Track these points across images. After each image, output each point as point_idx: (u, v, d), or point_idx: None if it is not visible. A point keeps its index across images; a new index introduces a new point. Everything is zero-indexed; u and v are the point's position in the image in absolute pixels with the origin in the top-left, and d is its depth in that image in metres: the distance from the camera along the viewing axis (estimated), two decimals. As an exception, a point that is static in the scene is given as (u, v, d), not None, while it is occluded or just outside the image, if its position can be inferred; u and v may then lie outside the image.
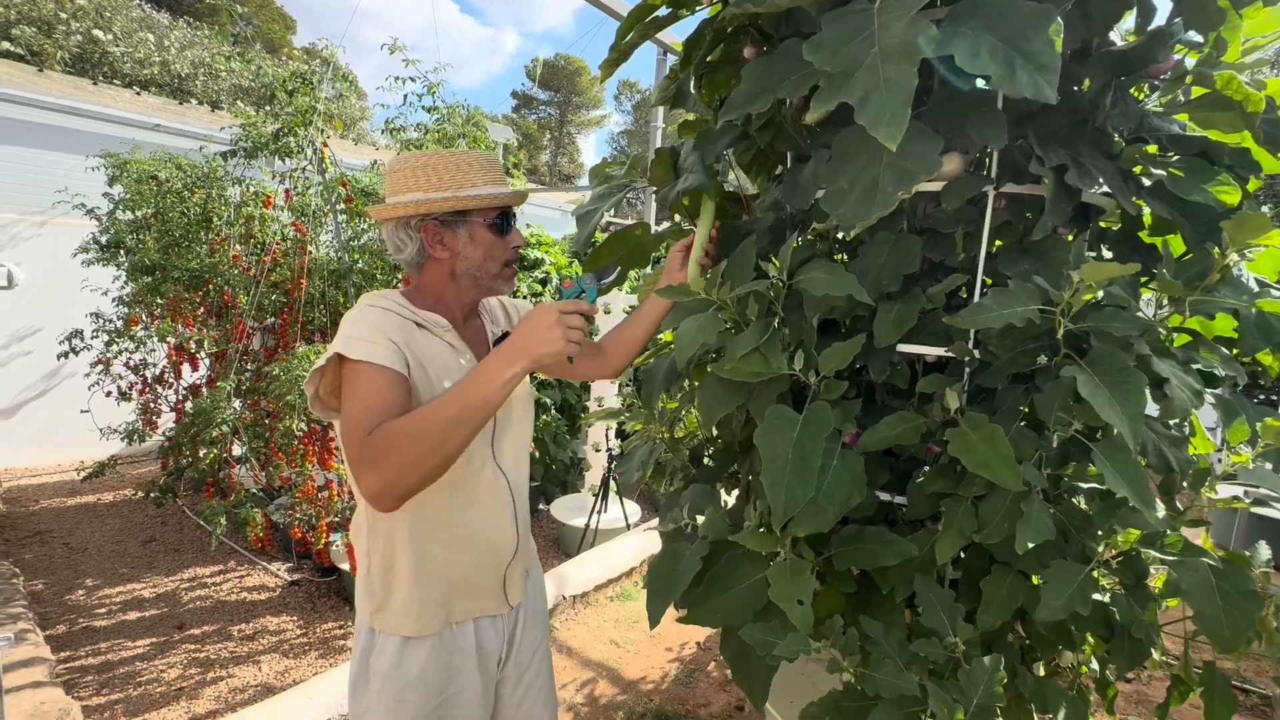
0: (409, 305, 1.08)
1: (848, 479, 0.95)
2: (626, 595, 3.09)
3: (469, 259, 1.09)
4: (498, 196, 1.09)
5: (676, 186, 1.12)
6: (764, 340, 0.98)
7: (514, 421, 1.17)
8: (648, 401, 1.29)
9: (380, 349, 0.98)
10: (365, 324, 1.01)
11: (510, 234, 1.13)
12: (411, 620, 1.08)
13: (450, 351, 1.09)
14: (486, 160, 1.12)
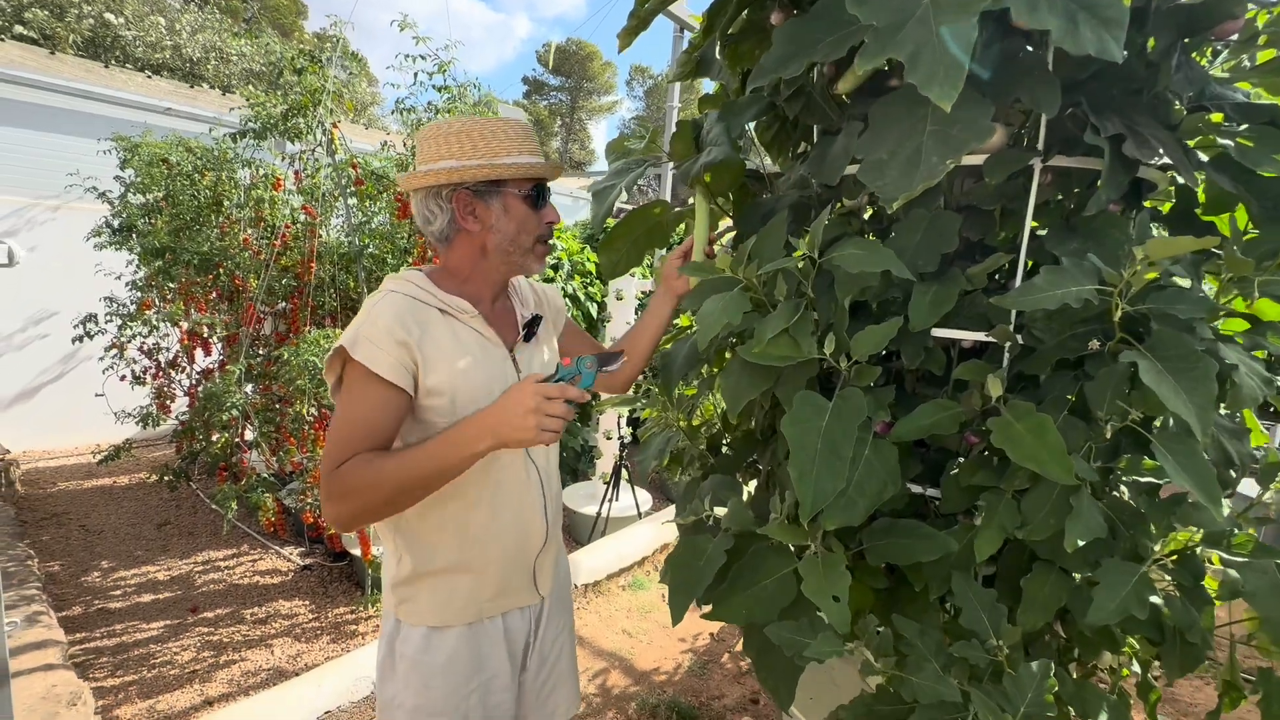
0: (434, 288, 1.04)
1: (880, 470, 0.90)
2: (639, 584, 3.06)
3: (502, 232, 1.04)
4: (534, 166, 1.04)
5: (699, 160, 1.06)
6: (794, 322, 0.92)
7: None
8: (666, 388, 1.24)
9: (384, 356, 0.94)
10: (380, 319, 0.97)
11: (545, 208, 1.08)
12: (437, 613, 1.06)
13: (479, 341, 1.04)
14: (522, 129, 1.06)
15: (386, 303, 0.99)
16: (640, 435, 1.61)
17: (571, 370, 0.96)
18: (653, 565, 3.21)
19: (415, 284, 1.03)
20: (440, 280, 1.07)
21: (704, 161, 1.04)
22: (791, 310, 0.94)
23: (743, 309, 0.94)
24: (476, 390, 1.01)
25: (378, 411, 0.95)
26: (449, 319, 1.03)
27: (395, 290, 1.01)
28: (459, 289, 1.07)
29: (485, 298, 1.09)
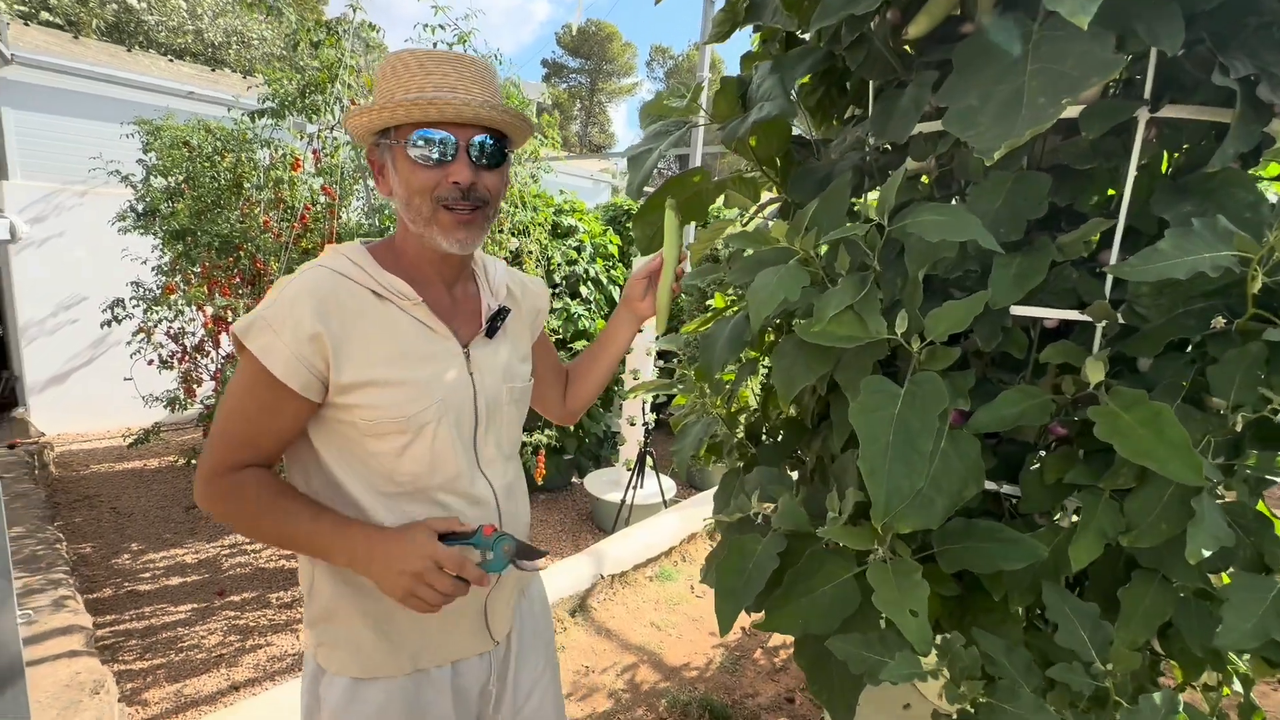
0: (373, 266, 0.87)
1: (960, 466, 0.79)
2: (666, 575, 2.98)
3: (398, 196, 0.87)
4: (430, 105, 0.81)
5: (748, 119, 0.95)
6: (860, 297, 0.81)
7: (503, 416, 0.98)
8: (707, 372, 1.14)
9: (281, 349, 0.79)
10: (289, 301, 0.80)
11: (442, 163, 0.84)
12: (361, 663, 0.90)
13: (421, 333, 0.88)
14: (467, 64, 0.86)
15: (304, 281, 0.82)
16: (673, 423, 1.51)
17: (486, 543, 0.84)
18: (680, 556, 3.13)
19: (350, 259, 0.86)
20: (384, 256, 0.90)
21: (755, 119, 0.92)
22: (857, 284, 0.83)
23: (801, 283, 0.83)
24: (414, 393, 0.85)
25: (267, 415, 0.82)
26: (386, 305, 0.86)
27: (323, 265, 0.85)
28: (402, 269, 0.90)
29: (433, 280, 0.92)
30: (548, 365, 1.19)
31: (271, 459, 0.87)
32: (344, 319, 0.82)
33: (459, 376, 0.91)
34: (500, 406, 0.97)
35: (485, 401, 0.94)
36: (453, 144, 0.84)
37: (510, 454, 1.02)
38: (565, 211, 4.36)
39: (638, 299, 1.14)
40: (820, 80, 1.42)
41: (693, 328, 1.55)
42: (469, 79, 0.85)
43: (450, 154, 0.84)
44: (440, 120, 0.83)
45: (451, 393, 0.89)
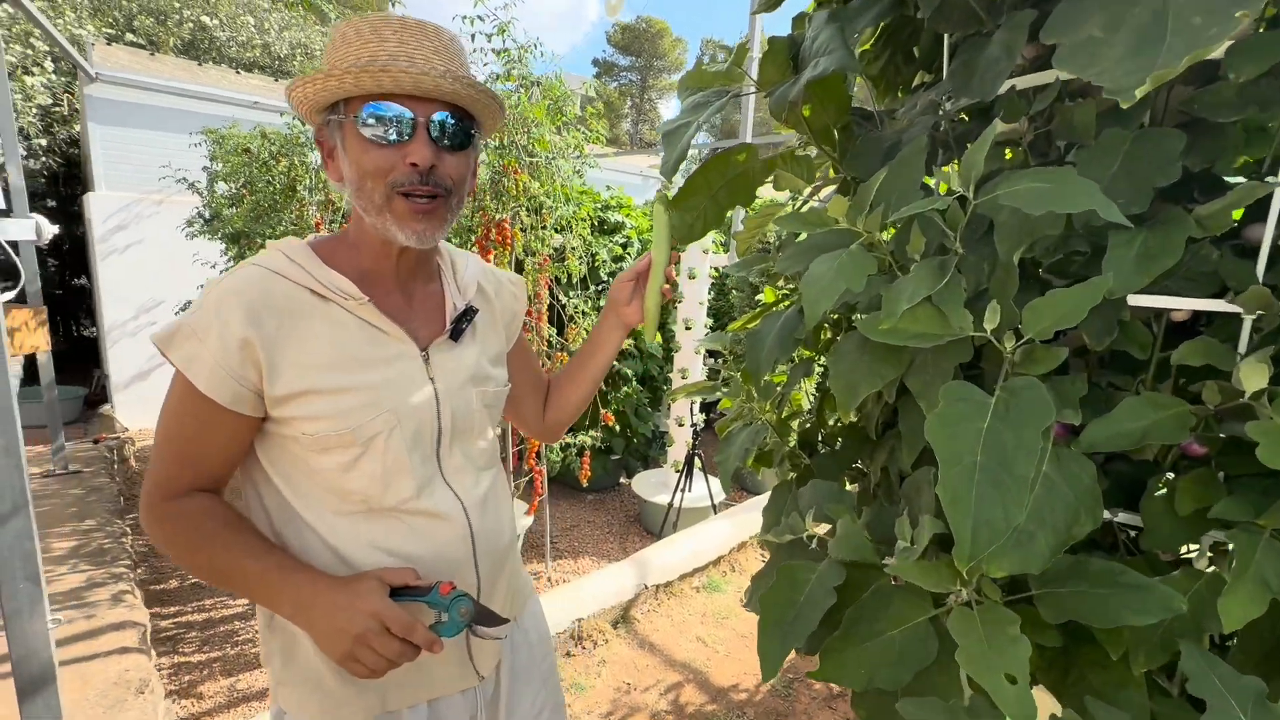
0: (314, 262, 0.77)
1: (1070, 494, 0.64)
2: (714, 586, 2.84)
3: (348, 180, 0.77)
4: (369, 74, 0.70)
5: (800, 79, 0.81)
6: (941, 286, 0.66)
7: (473, 423, 0.88)
8: (754, 374, 1.01)
9: (206, 359, 0.71)
10: (215, 305, 0.72)
11: (398, 143, 0.74)
12: (321, 702, 0.81)
13: (367, 333, 0.79)
14: (428, 31, 0.75)
15: (232, 281, 0.74)
16: (719, 428, 1.38)
17: (441, 602, 0.73)
18: (729, 565, 2.99)
19: (288, 256, 0.77)
20: (332, 254, 0.81)
21: (810, 76, 0.78)
22: (935, 271, 0.68)
23: (866, 270, 0.69)
24: (360, 402, 0.76)
25: (201, 432, 0.74)
26: (328, 305, 0.77)
27: (256, 263, 0.77)
28: (353, 265, 0.81)
29: (387, 277, 0.83)
30: (525, 375, 1.08)
31: (219, 480, 0.79)
32: (279, 322, 0.74)
33: (416, 382, 0.82)
34: (469, 413, 0.87)
35: (450, 408, 0.85)
36: (409, 120, 0.74)
37: (485, 463, 0.92)
38: (612, 207, 4.28)
39: (624, 303, 1.03)
40: (884, 44, 1.26)
41: (740, 324, 1.42)
42: (429, 48, 0.75)
43: (407, 132, 0.75)
44: (396, 92, 0.73)
45: (406, 400, 0.80)
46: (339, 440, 0.75)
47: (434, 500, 0.82)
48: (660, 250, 1.02)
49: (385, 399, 0.78)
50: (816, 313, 0.70)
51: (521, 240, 2.55)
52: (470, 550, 0.85)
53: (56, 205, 6.36)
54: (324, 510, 0.78)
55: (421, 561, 0.80)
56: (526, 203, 2.57)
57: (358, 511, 0.79)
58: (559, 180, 2.59)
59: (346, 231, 0.85)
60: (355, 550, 0.78)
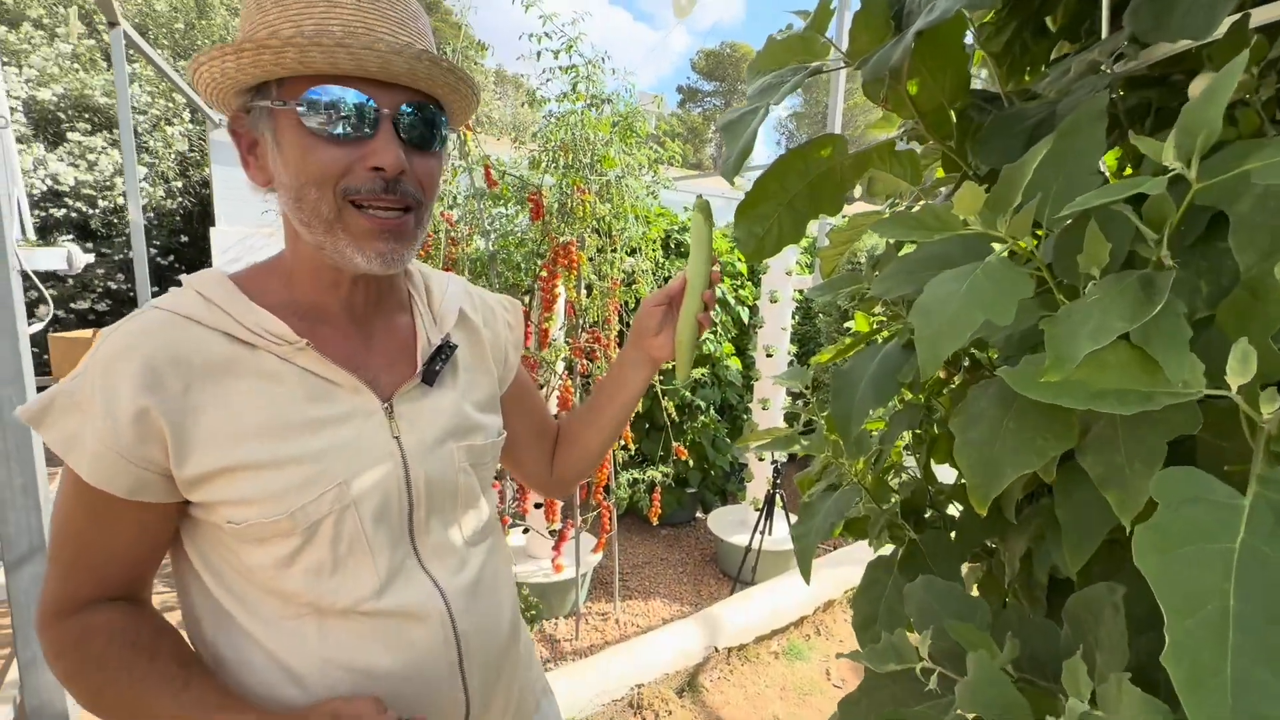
0: (236, 299, 0.62)
1: None
2: (796, 652, 2.51)
3: (282, 188, 0.61)
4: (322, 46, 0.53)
5: (906, 35, 0.59)
6: (1151, 318, 0.42)
7: (457, 488, 0.70)
8: (842, 427, 0.78)
9: (88, 444, 0.55)
10: (98, 367, 0.56)
11: (355, 139, 0.58)
12: None
13: (308, 385, 0.62)
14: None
15: (124, 334, 0.58)
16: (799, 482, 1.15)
17: None
18: (814, 627, 2.65)
19: (202, 294, 0.61)
20: (260, 285, 0.65)
21: (924, 23, 0.56)
22: (1137, 293, 0.44)
23: (1018, 292, 0.46)
24: (300, 477, 0.60)
25: (100, 532, 0.58)
26: (256, 354, 0.61)
27: (159, 306, 0.61)
28: (292, 298, 0.65)
29: (335, 312, 0.66)
30: (527, 419, 0.90)
31: (134, 585, 0.64)
32: (187, 383, 0.58)
33: (376, 444, 0.65)
34: (449, 477, 0.69)
35: (423, 473, 0.67)
36: (372, 110, 0.58)
37: (477, 536, 0.73)
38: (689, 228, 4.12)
39: (651, 333, 0.84)
40: (1009, 13, 1.01)
41: (826, 357, 1.18)
42: (393, 19, 0.58)
43: (369, 126, 0.58)
44: (354, 74, 0.56)
45: (363, 468, 0.63)
46: (273, 529, 0.59)
47: (404, 595, 0.64)
48: (697, 268, 0.83)
49: (333, 470, 0.62)
50: (938, 356, 0.48)
51: (588, 265, 2.43)
52: (455, 657, 0.67)
53: (189, 240, 7.03)
54: (265, 613, 0.63)
55: (390, 679, 0.63)
56: (595, 223, 2.45)
57: (305, 615, 0.63)
58: (629, 200, 2.45)
59: (279, 257, 0.69)
60: (304, 666, 0.62)
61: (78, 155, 6.21)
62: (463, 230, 2.58)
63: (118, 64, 3.18)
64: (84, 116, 6.45)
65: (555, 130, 2.30)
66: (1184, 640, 0.37)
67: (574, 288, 2.53)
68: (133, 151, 3.23)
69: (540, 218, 2.61)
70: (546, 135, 2.40)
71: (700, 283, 0.84)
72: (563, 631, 2.84)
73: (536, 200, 2.51)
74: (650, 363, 0.89)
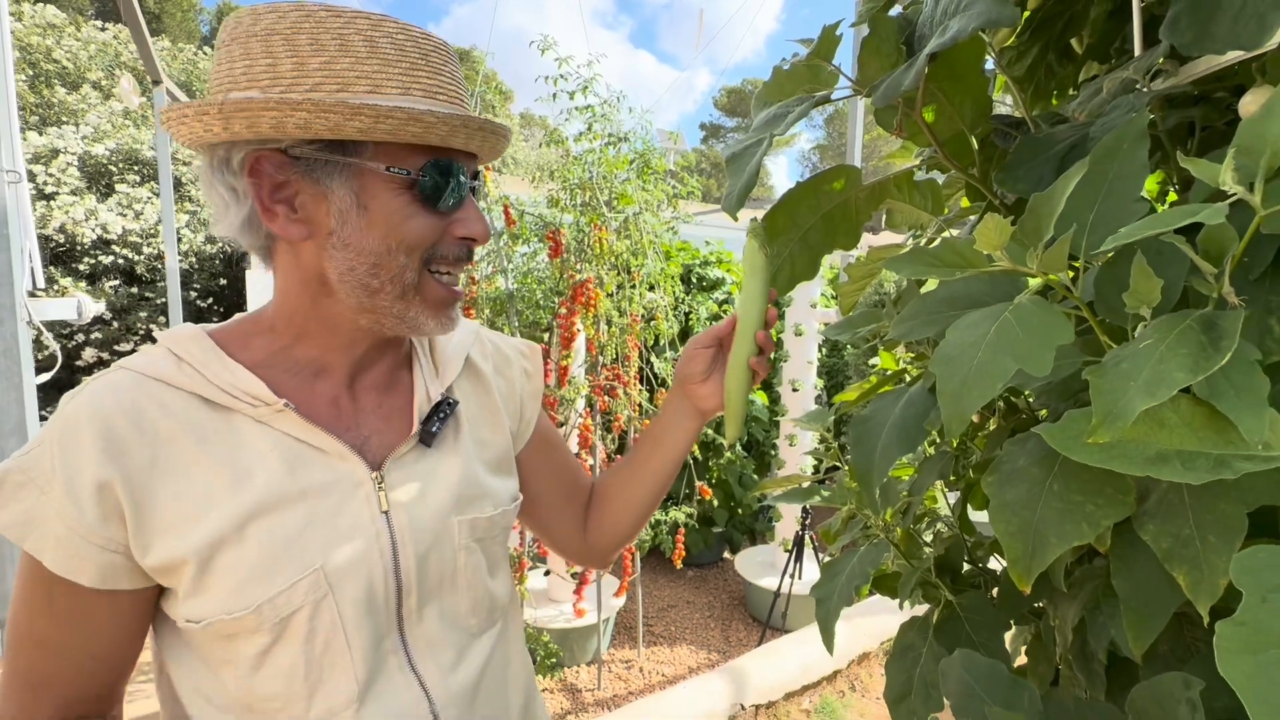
0: (213, 358, 0.56)
1: None
2: (829, 710, 2.35)
3: (354, 246, 0.54)
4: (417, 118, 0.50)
5: (918, 58, 0.55)
6: (1219, 369, 0.36)
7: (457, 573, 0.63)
8: (863, 479, 0.72)
9: (48, 525, 0.49)
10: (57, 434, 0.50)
11: (459, 206, 0.57)
12: None
13: (286, 452, 0.55)
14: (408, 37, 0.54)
15: (86, 397, 0.52)
16: (823, 534, 1.07)
17: None
18: (848, 683, 2.49)
19: (174, 352, 0.55)
20: (240, 340, 0.60)
21: (937, 45, 0.52)
22: (1198, 337, 0.38)
23: (1057, 338, 0.40)
24: (271, 563, 0.53)
25: (53, 626, 0.51)
26: (230, 417, 0.55)
27: (126, 366, 0.55)
28: (277, 353, 0.59)
29: (333, 370, 0.61)
30: (554, 479, 0.81)
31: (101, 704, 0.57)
32: (152, 452, 0.52)
33: (361, 518, 0.58)
34: (449, 557, 0.62)
35: (414, 553, 0.60)
36: (462, 178, 0.57)
37: (480, 624, 0.65)
38: (710, 262, 4.09)
39: (697, 380, 0.75)
40: (1032, 37, 0.98)
41: (851, 396, 1.11)
42: (451, 78, 0.57)
43: (459, 194, 0.57)
44: (443, 145, 0.55)
45: (346, 548, 0.56)
46: (239, 625, 0.52)
47: (381, 707, 0.57)
48: (751, 305, 0.72)
49: (309, 554, 0.54)
50: (964, 412, 0.42)
51: (607, 302, 2.40)
52: None
53: (227, 283, 7.29)
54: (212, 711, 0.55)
55: None
56: (613, 260, 2.43)
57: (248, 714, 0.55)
58: (646, 236, 2.43)
59: (263, 312, 0.63)
60: None
61: (125, 205, 6.53)
62: (484, 269, 2.59)
63: (159, 121, 3.35)
64: (133, 169, 6.80)
65: (572, 169, 2.31)
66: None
67: (593, 325, 2.50)
68: (171, 202, 3.37)
69: (559, 255, 2.61)
70: (565, 174, 2.41)
71: (754, 322, 0.72)
72: (584, 680, 2.73)
73: (555, 238, 2.52)
74: (697, 415, 0.79)
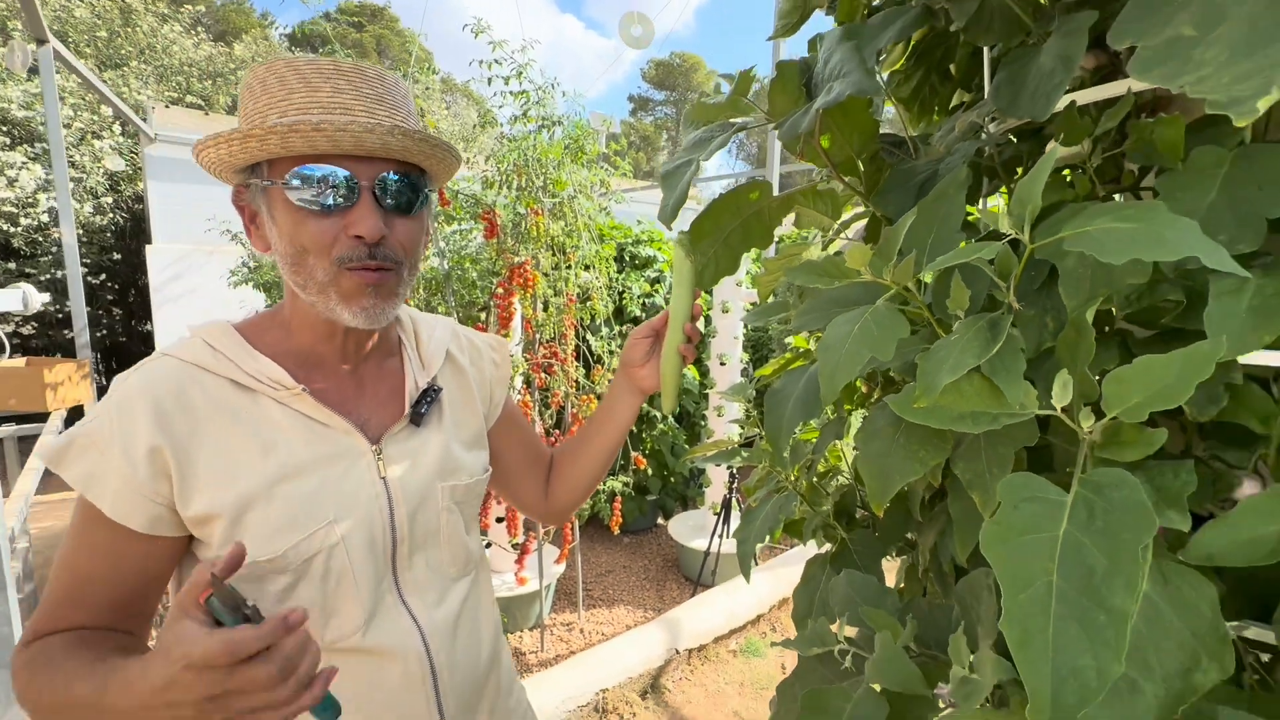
0: (240, 348, 0.68)
1: (1182, 629, 0.49)
2: (753, 649, 2.63)
3: (279, 253, 0.67)
4: (299, 132, 0.60)
5: (814, 104, 0.70)
6: (995, 353, 0.53)
7: (440, 525, 0.76)
8: (774, 441, 0.88)
9: (107, 479, 0.60)
10: (112, 409, 0.62)
11: (337, 210, 0.64)
12: None
13: (302, 428, 0.68)
14: (367, 76, 0.66)
15: (138, 378, 0.64)
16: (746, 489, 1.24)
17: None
18: (770, 625, 2.78)
19: (209, 343, 0.68)
20: (261, 335, 0.72)
21: (823, 103, 0.67)
22: (985, 332, 0.55)
23: (897, 333, 0.56)
24: (293, 515, 0.65)
25: (111, 566, 0.62)
26: (255, 399, 0.67)
27: (169, 354, 0.67)
28: (291, 348, 0.72)
29: (330, 360, 0.73)
30: (519, 450, 0.97)
31: (133, 620, 0.67)
32: (192, 426, 0.64)
33: (364, 484, 0.71)
34: (433, 515, 0.75)
35: (407, 511, 0.73)
36: (351, 183, 0.65)
37: (458, 572, 0.79)
38: (642, 241, 4.22)
39: (638, 364, 0.91)
40: (916, 62, 1.14)
41: (768, 371, 1.29)
42: (369, 97, 0.66)
43: (349, 197, 0.65)
44: (332, 152, 0.63)
45: (352, 506, 0.69)
46: (269, 567, 0.64)
47: (381, 634, 0.70)
48: (680, 302, 0.89)
49: (323, 510, 0.67)
50: (834, 387, 0.58)
51: (544, 282, 2.49)
52: (430, 690, 0.72)
53: (122, 258, 6.74)
54: None
55: (367, 709, 0.68)
56: (549, 241, 2.52)
57: None
58: (581, 219, 2.53)
59: (279, 308, 0.76)
60: None
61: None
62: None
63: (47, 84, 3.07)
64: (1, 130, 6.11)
65: (508, 154, 2.36)
66: (1016, 610, 0.47)
67: (530, 305, 2.59)
68: (64, 172, 3.11)
69: (495, 237, 2.66)
70: (500, 157, 2.46)
71: (682, 317, 0.89)
72: (528, 644, 2.87)
73: (490, 219, 2.56)
74: (638, 392, 0.96)
